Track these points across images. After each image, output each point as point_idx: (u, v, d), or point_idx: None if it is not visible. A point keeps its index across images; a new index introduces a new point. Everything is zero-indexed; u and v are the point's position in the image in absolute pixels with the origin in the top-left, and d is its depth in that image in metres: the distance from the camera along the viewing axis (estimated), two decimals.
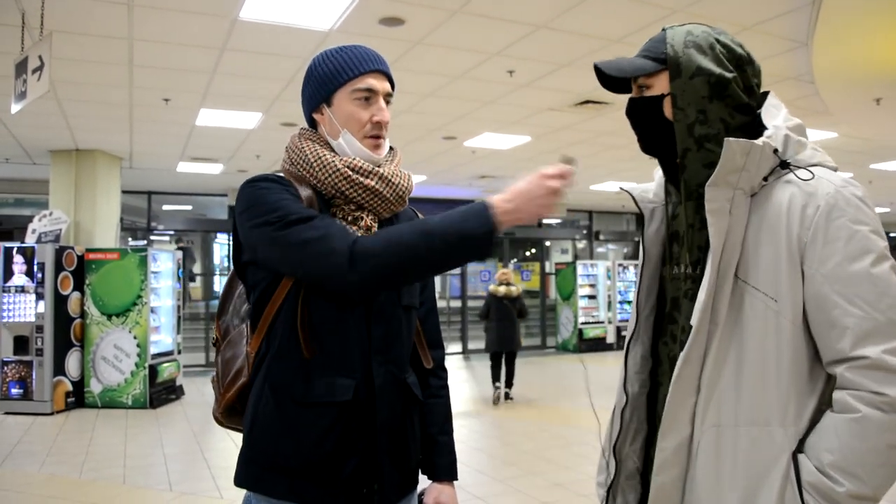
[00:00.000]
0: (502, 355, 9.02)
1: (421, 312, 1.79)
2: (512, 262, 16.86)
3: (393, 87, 1.69)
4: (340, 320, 1.54)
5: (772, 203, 1.28)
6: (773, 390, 1.24)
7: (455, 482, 1.75)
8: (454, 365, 13.24)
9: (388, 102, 1.66)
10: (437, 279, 16.76)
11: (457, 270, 16.32)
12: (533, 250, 18.52)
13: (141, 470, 5.87)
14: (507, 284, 9.01)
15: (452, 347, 14.96)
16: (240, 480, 1.59)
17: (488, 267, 17.35)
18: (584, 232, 18.09)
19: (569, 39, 5.67)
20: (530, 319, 16.70)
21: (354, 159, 1.60)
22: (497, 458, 6.28)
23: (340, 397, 1.52)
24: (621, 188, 1.61)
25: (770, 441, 1.23)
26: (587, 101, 7.47)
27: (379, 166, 1.61)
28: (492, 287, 9.17)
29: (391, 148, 1.72)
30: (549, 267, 16.93)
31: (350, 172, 1.57)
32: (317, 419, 1.51)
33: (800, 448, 1.23)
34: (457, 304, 15.82)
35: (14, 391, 8.25)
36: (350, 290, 1.47)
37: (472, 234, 1.41)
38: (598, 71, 1.45)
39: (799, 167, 1.29)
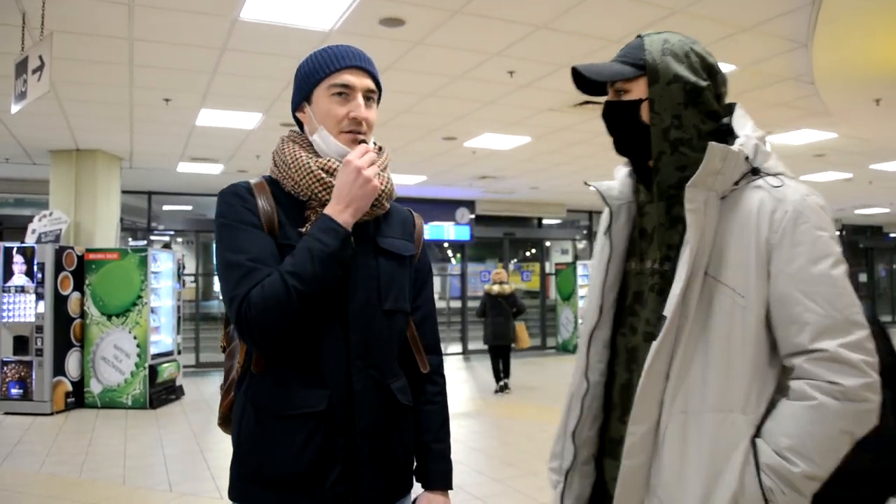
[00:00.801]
0: (499, 351, 9.68)
1: (417, 317, 1.77)
2: (512, 262, 16.85)
3: (378, 84, 1.68)
4: (316, 330, 1.54)
5: (742, 206, 1.37)
6: (736, 380, 1.33)
7: (454, 484, 1.74)
8: (454, 365, 13.24)
9: (370, 99, 1.65)
10: (437, 280, 16.77)
11: (456, 270, 16.34)
12: (533, 251, 18.51)
13: (141, 470, 5.87)
14: (501, 283, 9.66)
15: (452, 348, 14.97)
16: (232, 494, 1.61)
17: (488, 267, 17.36)
18: (585, 232, 18.09)
19: (569, 40, 5.68)
20: (530, 320, 16.70)
21: (329, 160, 1.60)
22: (496, 458, 6.28)
23: (316, 407, 1.52)
24: (587, 183, 1.68)
25: (732, 427, 1.32)
26: (587, 102, 7.46)
27: None
28: (487, 286, 9.89)
29: (380, 148, 1.71)
30: (549, 267, 16.94)
31: (322, 174, 1.57)
32: (296, 430, 1.52)
33: (757, 434, 1.32)
34: (457, 304, 15.84)
35: (14, 391, 8.26)
36: (259, 349, 1.55)
37: (334, 250, 1.48)
38: (576, 74, 1.51)
39: (769, 174, 1.39)
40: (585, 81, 1.52)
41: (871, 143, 9.76)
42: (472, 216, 15.49)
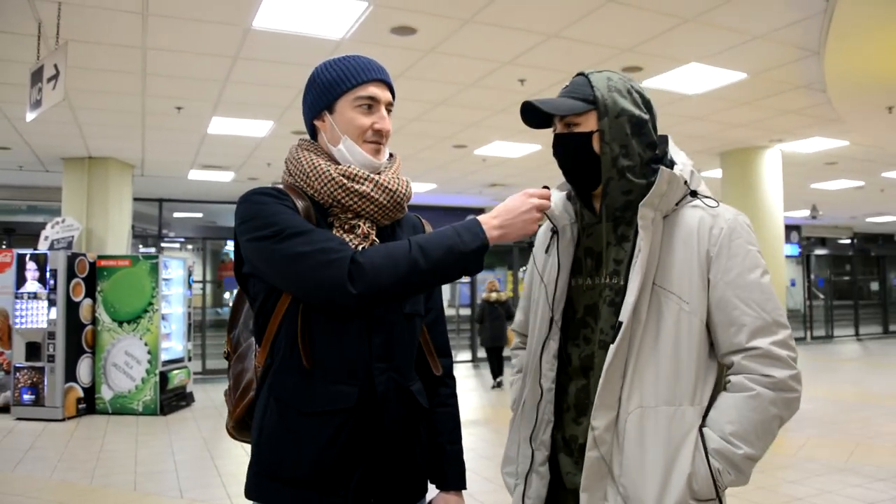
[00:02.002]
0: (497, 349, 10.88)
1: (428, 320, 1.79)
2: (521, 269, 16.84)
3: (394, 96, 1.70)
4: (341, 330, 1.55)
5: (683, 223, 1.55)
6: (684, 376, 1.50)
7: (464, 491, 1.75)
8: (463, 373, 13.22)
9: (388, 112, 1.68)
10: (446, 287, 16.76)
11: (465, 279, 16.33)
12: None
13: (151, 476, 5.88)
14: (496, 291, 10.95)
15: (462, 355, 14.93)
16: (249, 492, 1.61)
17: (499, 276, 17.37)
18: None
19: (580, 49, 5.69)
20: None
21: (349, 167, 1.60)
22: None
23: (343, 404, 1.53)
24: None
25: (683, 418, 1.49)
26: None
27: (379, 173, 1.63)
28: (484, 294, 11.17)
29: (391, 155, 1.73)
30: None
31: (344, 180, 1.58)
32: (320, 429, 1.52)
33: (702, 423, 1.50)
34: (466, 311, 15.81)
35: (26, 397, 8.29)
36: (349, 302, 1.46)
37: (466, 250, 1.48)
38: (527, 109, 1.62)
39: (706, 196, 1.59)
40: (532, 116, 1.65)
41: (883, 150, 9.72)
42: None
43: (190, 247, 17.82)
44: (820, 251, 20.91)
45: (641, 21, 5.15)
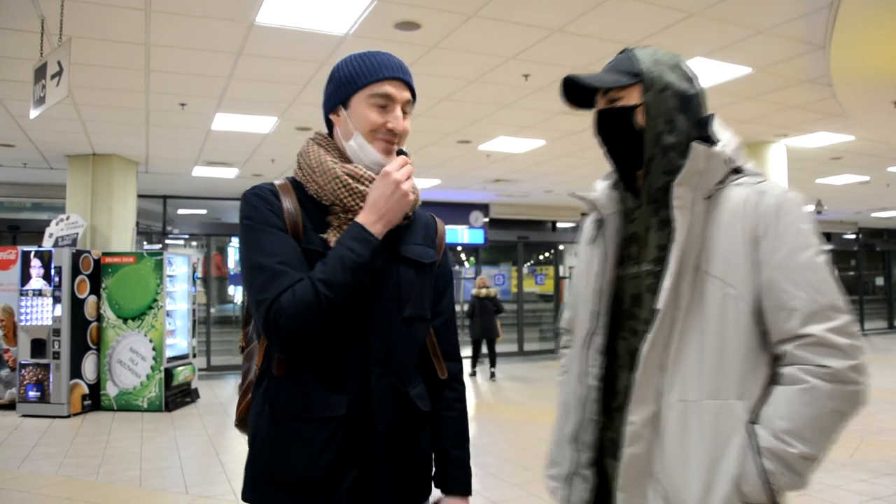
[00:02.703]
0: (482, 342, 11.82)
1: (437, 323, 1.77)
2: (526, 265, 16.82)
3: (414, 96, 1.68)
4: (338, 335, 1.54)
5: (727, 202, 1.45)
6: (731, 367, 1.39)
7: (469, 497, 1.73)
8: (468, 370, 13.26)
9: (407, 112, 1.66)
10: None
11: (470, 274, 16.32)
12: (547, 254, 18.46)
13: (157, 473, 5.90)
14: (485, 287, 11.77)
15: (466, 351, 14.94)
16: (245, 495, 1.61)
17: (502, 271, 17.34)
18: None
19: (585, 43, 5.66)
20: (544, 323, 16.69)
21: (356, 167, 1.60)
22: (512, 461, 6.27)
23: (335, 412, 1.52)
24: (572, 194, 1.75)
25: (730, 413, 1.38)
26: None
27: None
28: (474, 291, 11.92)
29: (406, 155, 1.71)
30: (563, 270, 16.88)
31: (349, 180, 1.57)
32: (314, 434, 1.52)
33: (753, 419, 1.38)
34: None
35: (31, 394, 8.32)
36: (281, 354, 1.54)
37: (363, 260, 1.48)
38: (568, 85, 1.58)
39: (751, 173, 1.49)
40: (574, 94, 1.59)
41: (888, 145, 9.68)
42: (486, 219, 15.48)
43: (194, 243, 17.83)
44: (825, 246, 20.80)
45: (646, 15, 5.13)
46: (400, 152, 1.59)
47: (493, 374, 11.73)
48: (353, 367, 1.55)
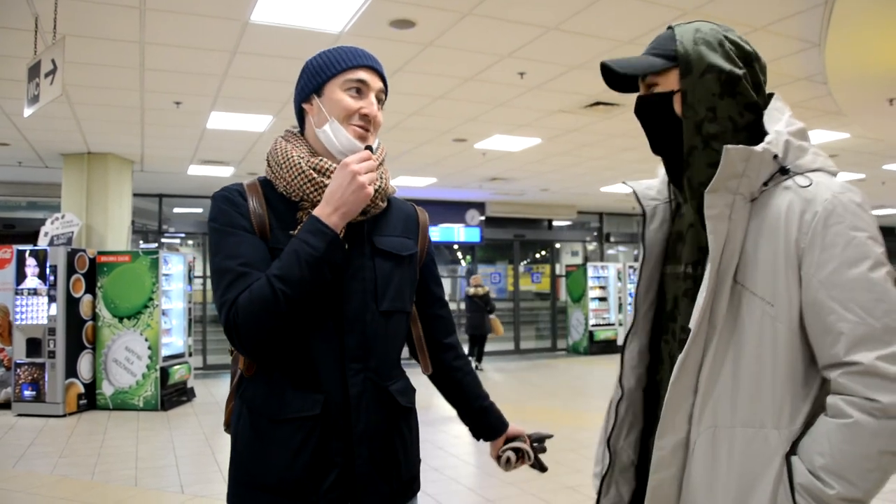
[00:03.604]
0: (478, 336, 12.49)
1: (431, 312, 1.81)
2: (522, 264, 16.83)
3: (386, 88, 1.68)
4: (311, 333, 1.53)
5: (771, 209, 1.29)
6: (768, 393, 1.26)
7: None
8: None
9: (380, 101, 1.66)
10: (447, 282, 16.75)
11: (466, 272, 16.31)
12: (543, 252, 18.48)
13: (153, 472, 5.89)
14: (478, 286, 12.55)
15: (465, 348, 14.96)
16: (229, 499, 1.61)
17: (499, 270, 17.34)
18: (595, 234, 18.05)
19: (580, 41, 5.66)
20: (541, 322, 16.70)
21: (321, 160, 1.58)
22: None
23: (310, 411, 1.51)
24: (625, 182, 1.62)
25: (764, 443, 1.25)
26: (598, 103, 7.45)
27: None
28: (467, 289, 12.78)
29: (378, 145, 1.70)
30: (559, 269, 16.90)
31: (314, 173, 1.56)
32: (290, 435, 1.51)
33: (793, 451, 1.25)
34: None
35: (27, 393, 8.30)
36: (244, 355, 1.55)
37: (319, 254, 1.45)
38: (606, 70, 1.46)
39: (798, 173, 1.30)
40: (615, 78, 1.47)
41: (884, 143, 9.70)
42: (482, 218, 15.47)
43: (190, 242, 17.81)
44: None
45: (641, 13, 5.13)
46: (368, 149, 1.57)
47: (477, 367, 12.21)
48: (328, 365, 1.54)
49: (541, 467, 1.93)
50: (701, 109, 1.35)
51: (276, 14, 5.02)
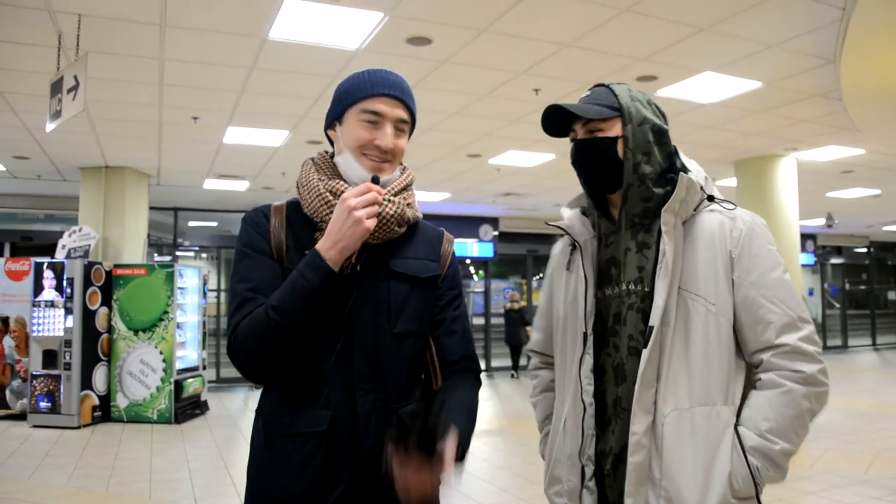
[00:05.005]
0: (515, 346, 13.73)
1: (448, 335, 1.72)
2: (535, 279, 16.81)
3: (413, 114, 1.68)
4: (322, 351, 1.55)
5: (703, 227, 1.60)
6: (716, 376, 1.54)
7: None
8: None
9: (401, 130, 1.65)
10: None
11: (479, 287, 16.32)
12: None
13: (166, 485, 5.90)
14: (514, 301, 13.82)
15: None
16: None
17: (511, 284, 17.32)
18: None
19: (595, 58, 5.69)
20: None
21: (338, 183, 1.60)
22: (521, 476, 6.24)
23: (317, 427, 1.53)
24: (548, 223, 1.88)
25: (718, 417, 1.52)
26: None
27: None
28: (505, 304, 14.10)
29: (404, 169, 1.71)
30: None
31: (329, 196, 1.58)
32: (299, 449, 1.54)
33: (737, 423, 1.53)
34: (480, 321, 15.76)
35: (42, 404, 8.36)
36: (236, 367, 1.58)
37: (313, 288, 1.49)
38: (552, 112, 1.68)
39: (722, 200, 1.63)
40: (552, 123, 1.71)
41: None
42: (496, 233, 15.49)
43: (204, 255, 17.91)
44: (836, 260, 20.76)
45: (656, 31, 5.15)
46: (374, 180, 1.56)
47: (513, 375, 13.71)
48: (337, 384, 1.55)
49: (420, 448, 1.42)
50: (638, 154, 1.62)
51: (294, 31, 5.08)
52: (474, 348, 1.82)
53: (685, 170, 1.65)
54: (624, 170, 1.62)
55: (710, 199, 1.63)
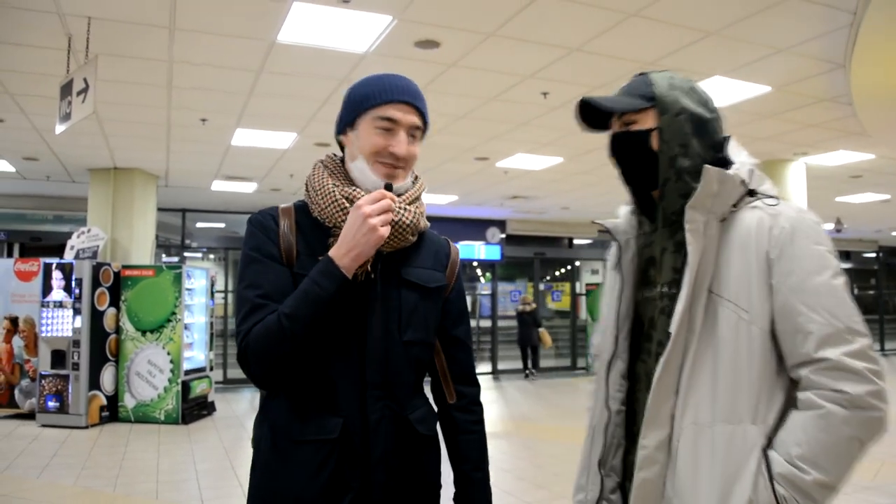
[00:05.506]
0: (525, 349, 14.30)
1: (450, 347, 1.75)
2: (542, 282, 16.80)
3: (426, 121, 1.67)
4: (333, 358, 1.55)
5: (741, 225, 1.43)
6: (744, 391, 1.37)
7: None
8: (483, 385, 13.20)
9: (414, 136, 1.65)
10: (468, 299, 16.67)
11: (487, 290, 16.30)
12: (563, 271, 18.43)
13: (173, 485, 5.92)
14: (526, 304, 14.20)
15: (482, 367, 14.90)
16: None
17: (518, 287, 17.30)
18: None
19: (603, 62, 5.68)
20: (560, 340, 16.61)
21: (354, 190, 1.59)
22: (526, 479, 6.23)
23: (328, 434, 1.52)
24: (594, 222, 1.79)
25: (743, 437, 1.35)
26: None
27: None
28: (517, 306, 14.51)
29: (416, 178, 1.71)
30: (579, 287, 16.83)
31: (346, 203, 1.57)
32: (310, 457, 1.52)
33: (768, 445, 1.35)
34: (487, 323, 15.76)
35: (51, 404, 8.39)
36: (246, 374, 1.57)
37: (327, 296, 1.48)
38: (584, 107, 1.60)
39: (766, 195, 1.47)
40: (589, 116, 1.61)
41: None
42: (503, 236, 15.48)
43: (212, 256, 17.96)
44: (845, 265, 20.68)
45: (664, 35, 5.14)
46: (388, 187, 1.56)
47: (528, 374, 14.18)
48: (348, 391, 1.55)
49: None
50: (675, 146, 1.50)
51: (303, 34, 5.10)
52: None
53: (727, 162, 1.49)
54: (659, 164, 1.51)
55: (752, 193, 1.46)
